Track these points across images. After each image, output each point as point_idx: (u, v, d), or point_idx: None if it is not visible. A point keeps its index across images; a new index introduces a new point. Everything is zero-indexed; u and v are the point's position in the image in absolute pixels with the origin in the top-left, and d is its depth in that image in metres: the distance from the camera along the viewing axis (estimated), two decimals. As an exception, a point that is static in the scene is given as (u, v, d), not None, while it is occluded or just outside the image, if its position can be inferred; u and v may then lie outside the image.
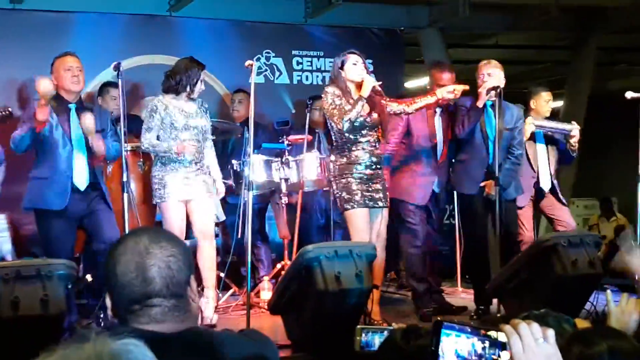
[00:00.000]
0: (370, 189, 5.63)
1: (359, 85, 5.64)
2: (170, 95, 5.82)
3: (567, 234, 5.69)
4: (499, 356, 1.56)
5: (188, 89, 5.80)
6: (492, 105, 5.98)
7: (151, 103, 5.89)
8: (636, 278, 2.61)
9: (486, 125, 6.12)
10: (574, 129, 6.68)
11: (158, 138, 5.78)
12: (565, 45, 11.48)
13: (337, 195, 5.70)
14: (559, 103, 11.28)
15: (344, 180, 5.62)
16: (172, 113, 5.75)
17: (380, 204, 5.69)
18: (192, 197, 5.78)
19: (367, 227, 5.60)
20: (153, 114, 5.77)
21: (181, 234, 5.70)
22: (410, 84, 12.20)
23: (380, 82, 5.64)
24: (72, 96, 5.61)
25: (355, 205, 5.58)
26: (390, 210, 5.94)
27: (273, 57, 8.61)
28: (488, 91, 5.93)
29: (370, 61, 8.90)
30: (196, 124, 5.84)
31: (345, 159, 5.65)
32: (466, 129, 6.03)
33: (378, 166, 5.73)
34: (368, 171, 5.65)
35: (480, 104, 5.99)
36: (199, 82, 5.84)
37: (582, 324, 2.85)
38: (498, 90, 5.87)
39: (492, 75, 6.04)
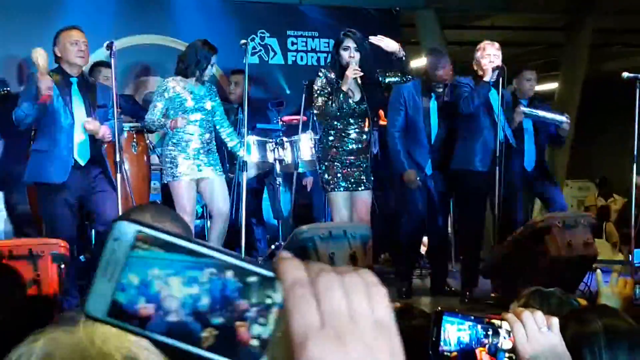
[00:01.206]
0: (354, 173, 5.65)
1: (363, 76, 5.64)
2: (181, 77, 5.83)
3: (562, 215, 5.69)
4: (501, 344, 1.54)
5: (197, 73, 5.80)
6: (494, 84, 6.03)
7: (162, 83, 5.96)
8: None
9: (491, 102, 6.15)
10: (565, 122, 6.65)
11: (168, 117, 5.81)
12: (561, 27, 11.44)
13: (321, 176, 5.71)
14: (554, 85, 11.27)
15: (327, 163, 5.65)
16: (181, 94, 5.77)
17: (362, 187, 5.69)
18: (202, 176, 5.80)
19: (347, 209, 5.63)
20: (162, 93, 5.82)
21: (192, 213, 5.75)
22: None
23: (362, 74, 5.57)
24: (74, 70, 5.56)
25: (336, 189, 5.60)
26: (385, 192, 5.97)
27: (267, 37, 8.57)
28: (494, 70, 5.97)
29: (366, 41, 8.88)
30: (205, 106, 5.85)
31: (331, 142, 5.65)
32: (476, 103, 6.01)
33: (363, 151, 5.73)
34: (353, 156, 5.66)
35: (487, 78, 6.01)
36: (210, 66, 5.84)
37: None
38: (503, 69, 5.94)
39: (498, 57, 6.09)
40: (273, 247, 6.89)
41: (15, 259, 4.19)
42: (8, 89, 6.20)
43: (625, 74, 6.10)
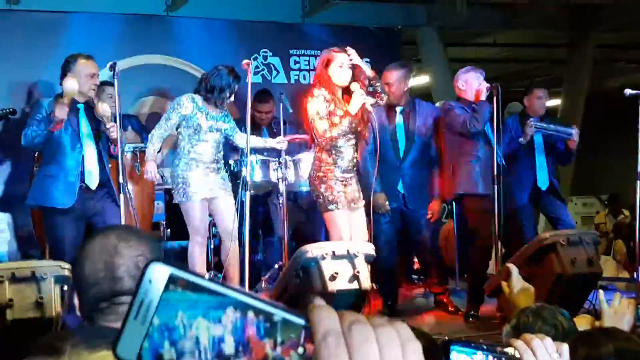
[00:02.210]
0: (349, 190, 5.62)
1: (346, 89, 5.56)
2: (199, 97, 5.83)
3: (566, 233, 5.67)
4: None
5: (219, 100, 5.80)
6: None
7: (179, 98, 5.89)
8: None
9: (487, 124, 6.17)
10: (574, 133, 6.67)
11: (179, 135, 5.83)
12: (563, 43, 11.46)
13: (320, 195, 5.61)
14: (557, 101, 11.27)
15: (327, 182, 5.57)
16: (197, 114, 5.76)
17: (359, 204, 5.68)
18: (213, 195, 5.81)
19: (348, 228, 5.59)
20: (178, 108, 5.79)
21: (205, 232, 5.79)
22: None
23: (374, 101, 5.54)
24: (82, 98, 5.55)
25: (340, 207, 5.55)
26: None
27: (270, 56, 8.59)
28: (488, 89, 5.99)
29: (368, 60, 8.91)
30: (220, 127, 5.86)
31: (329, 160, 5.60)
32: (482, 123, 6.02)
33: (355, 168, 5.74)
34: (347, 174, 5.64)
35: (483, 98, 6.02)
36: (232, 95, 5.85)
37: (582, 319, 2.82)
38: (497, 88, 5.94)
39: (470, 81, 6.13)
40: (276, 266, 6.87)
41: (18, 281, 4.19)
42: (12, 108, 6.22)
43: (627, 91, 6.09)
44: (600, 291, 2.76)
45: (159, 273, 0.68)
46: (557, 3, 9.24)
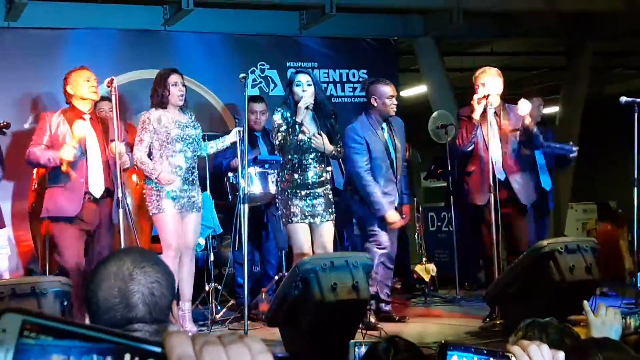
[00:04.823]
0: (310, 205, 5.70)
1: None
2: (161, 109, 5.86)
3: (564, 240, 5.68)
4: None
5: (163, 100, 5.83)
6: (495, 114, 6.04)
7: (144, 116, 5.94)
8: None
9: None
10: (574, 150, 6.74)
11: (150, 150, 5.83)
12: (561, 50, 11.49)
13: (279, 209, 5.86)
14: (555, 109, 11.29)
15: (285, 196, 5.73)
16: (166, 124, 5.80)
17: (321, 219, 5.74)
18: (185, 210, 5.82)
19: (307, 240, 5.71)
20: (146, 126, 5.84)
21: (177, 247, 5.78)
22: (406, 92, 12.20)
23: (312, 102, 5.69)
24: (87, 107, 5.68)
25: (295, 220, 5.66)
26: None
27: (267, 69, 8.62)
28: (479, 101, 5.98)
29: (365, 71, 8.94)
30: (190, 134, 5.88)
31: (288, 176, 5.72)
32: (466, 141, 6.02)
33: (322, 184, 5.80)
34: (310, 189, 5.73)
35: (475, 115, 6.01)
36: (171, 87, 5.84)
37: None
38: (488, 98, 5.94)
39: (487, 84, 6.07)
40: (277, 277, 6.89)
41: (19, 297, 4.21)
42: (5, 122, 6.26)
43: (623, 99, 6.12)
44: (585, 302, 2.73)
45: (12, 321, 0.67)
46: (553, 12, 9.26)
